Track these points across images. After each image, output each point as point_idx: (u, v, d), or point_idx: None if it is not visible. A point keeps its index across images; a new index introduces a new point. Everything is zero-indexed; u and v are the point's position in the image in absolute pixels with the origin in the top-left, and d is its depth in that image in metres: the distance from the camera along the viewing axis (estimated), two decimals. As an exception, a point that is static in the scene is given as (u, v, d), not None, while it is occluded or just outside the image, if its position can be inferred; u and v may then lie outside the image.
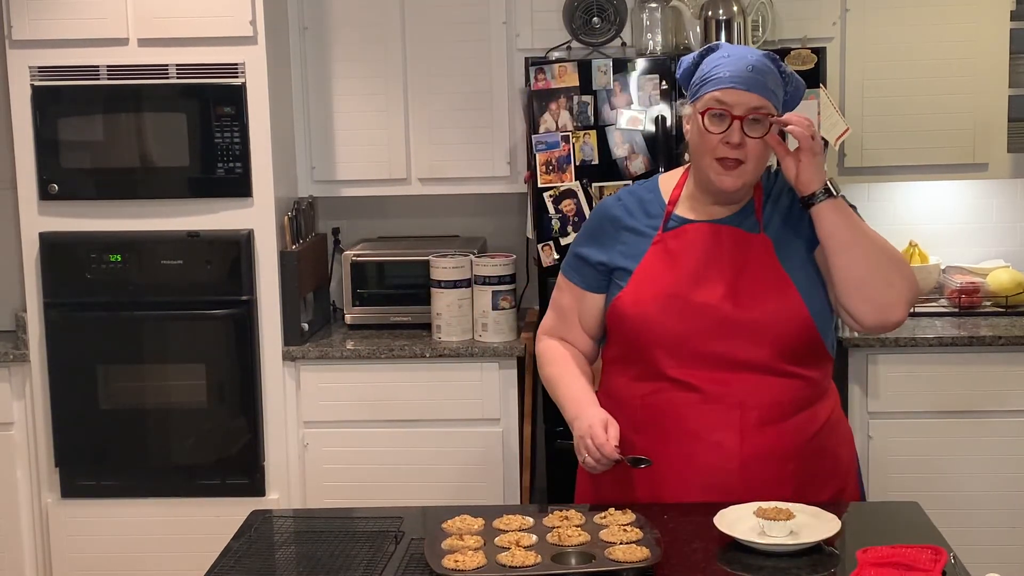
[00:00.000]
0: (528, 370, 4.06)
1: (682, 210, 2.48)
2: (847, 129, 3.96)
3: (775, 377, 2.39)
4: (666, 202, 2.49)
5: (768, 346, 2.38)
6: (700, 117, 2.36)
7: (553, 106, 3.86)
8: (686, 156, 3.76)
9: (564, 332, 2.61)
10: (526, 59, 3.98)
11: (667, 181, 2.54)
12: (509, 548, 2.11)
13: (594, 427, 2.37)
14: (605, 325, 2.55)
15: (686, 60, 2.45)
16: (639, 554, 2.05)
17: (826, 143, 3.91)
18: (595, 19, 4.08)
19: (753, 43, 4.01)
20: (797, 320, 2.38)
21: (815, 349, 2.43)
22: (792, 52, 3.82)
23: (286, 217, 4.04)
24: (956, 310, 4.13)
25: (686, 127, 2.45)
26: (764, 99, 2.33)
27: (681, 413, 2.40)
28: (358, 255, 4.24)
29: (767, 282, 2.39)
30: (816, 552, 2.13)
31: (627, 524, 2.19)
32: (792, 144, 2.38)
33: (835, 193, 2.37)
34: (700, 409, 2.38)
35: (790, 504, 2.22)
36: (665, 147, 3.82)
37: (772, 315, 2.37)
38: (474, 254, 4.11)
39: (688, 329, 2.39)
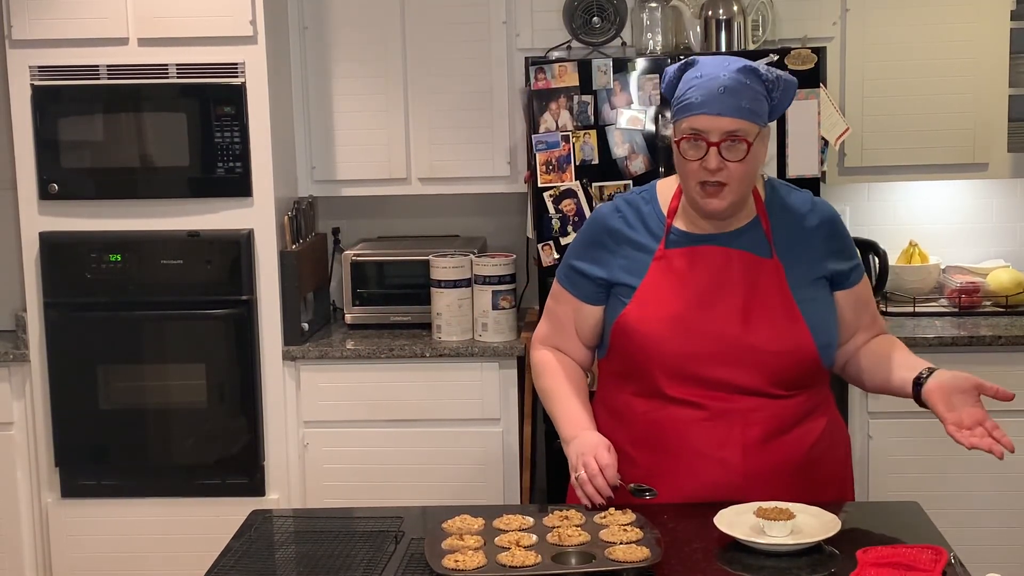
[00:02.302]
0: (528, 370, 4.06)
1: (681, 223, 2.43)
2: (847, 129, 3.96)
3: (775, 400, 2.39)
4: (664, 214, 2.44)
5: (770, 375, 2.37)
6: (677, 145, 2.34)
7: (553, 106, 3.86)
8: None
9: (559, 342, 2.57)
10: (526, 59, 3.98)
11: (664, 189, 2.49)
12: (509, 548, 2.11)
13: (599, 448, 2.34)
14: (601, 335, 2.52)
15: (668, 73, 2.39)
16: (639, 554, 2.05)
17: (826, 143, 3.91)
18: (595, 19, 4.08)
19: (753, 43, 4.01)
20: (802, 353, 2.37)
21: (816, 374, 2.44)
22: (792, 52, 3.82)
23: (286, 217, 4.04)
24: (956, 310, 4.13)
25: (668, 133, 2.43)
26: (739, 121, 2.27)
27: (683, 430, 2.38)
28: (358, 255, 4.24)
29: (776, 312, 2.36)
30: (816, 552, 2.13)
31: (627, 524, 2.19)
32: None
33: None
34: (703, 426, 2.35)
35: (790, 504, 2.22)
36: (665, 147, 3.82)
37: (778, 347, 2.35)
38: (474, 254, 4.11)
39: (693, 353, 2.36)
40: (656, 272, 2.41)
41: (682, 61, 2.39)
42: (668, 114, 2.46)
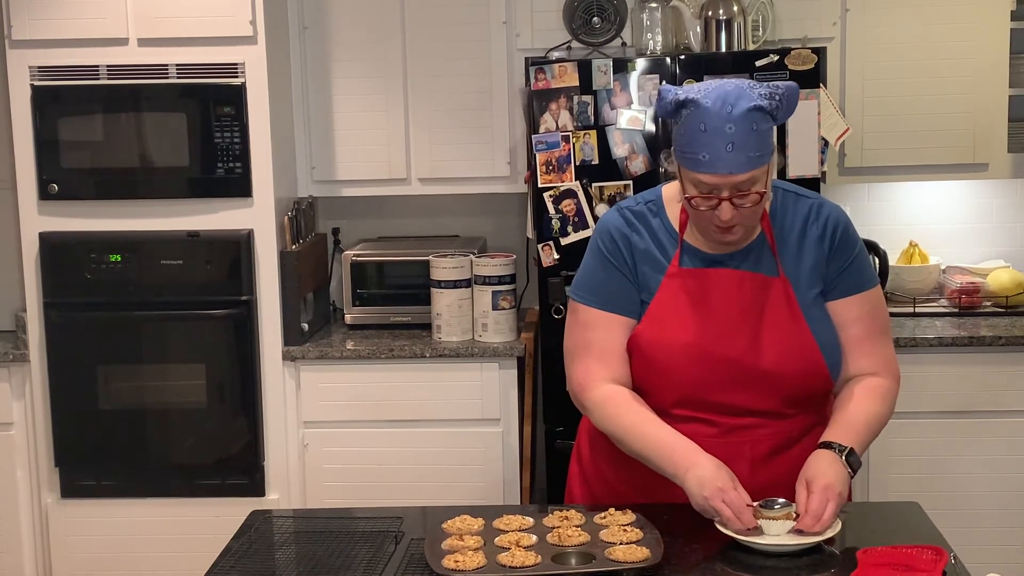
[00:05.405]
0: (528, 370, 4.06)
1: (692, 239, 2.38)
2: (847, 129, 3.96)
3: (784, 420, 2.39)
4: (675, 228, 2.39)
5: (782, 397, 2.36)
6: (683, 191, 2.28)
7: (553, 106, 3.85)
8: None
9: (611, 371, 2.40)
10: (526, 59, 3.98)
11: (671, 198, 2.42)
12: (509, 548, 2.11)
13: (720, 483, 2.19)
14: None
15: (665, 98, 2.28)
16: (639, 554, 2.06)
17: (826, 143, 3.91)
18: (595, 19, 4.08)
19: (753, 43, 4.01)
20: (814, 375, 2.36)
21: (826, 392, 2.42)
22: (792, 52, 3.82)
23: (286, 217, 4.04)
24: (956, 310, 4.13)
25: (672, 170, 2.33)
26: (750, 171, 2.21)
27: None
28: (358, 255, 4.24)
29: (788, 334, 2.33)
30: (816, 552, 2.14)
31: (627, 524, 2.19)
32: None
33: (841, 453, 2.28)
34: (710, 443, 2.31)
35: (787, 500, 2.23)
36: (665, 147, 3.82)
37: (792, 370, 2.33)
38: (474, 254, 4.11)
39: (706, 380, 2.34)
40: (668, 290, 2.37)
41: (679, 95, 2.26)
42: (670, 151, 2.36)
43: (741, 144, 2.20)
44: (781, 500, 2.22)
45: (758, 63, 3.81)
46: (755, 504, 2.20)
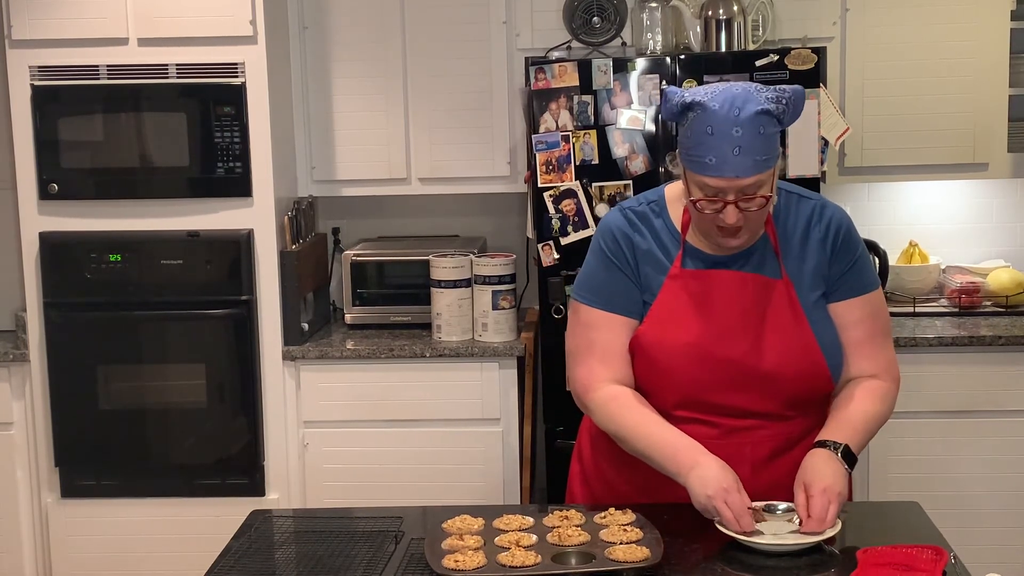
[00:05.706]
0: (528, 370, 4.06)
1: (694, 240, 2.37)
2: (847, 129, 3.96)
3: (785, 422, 2.39)
4: (678, 229, 2.39)
5: (784, 400, 2.36)
6: (688, 193, 2.28)
7: (553, 106, 3.85)
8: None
9: (615, 372, 2.39)
10: (526, 59, 3.98)
11: (674, 199, 2.42)
12: (509, 548, 2.11)
13: (724, 484, 2.18)
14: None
15: (671, 100, 2.28)
16: (639, 554, 2.06)
17: (826, 143, 3.91)
18: (595, 19, 4.08)
19: (753, 43, 4.01)
20: (816, 377, 2.36)
21: (827, 394, 2.42)
22: (792, 52, 3.82)
23: (286, 217, 4.04)
24: (956, 310, 4.13)
25: (677, 172, 2.34)
26: (756, 175, 2.21)
27: None
28: (358, 255, 4.24)
29: (790, 337, 2.33)
30: (816, 552, 2.14)
31: (627, 524, 2.19)
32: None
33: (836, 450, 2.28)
34: (712, 444, 2.30)
35: (790, 504, 2.23)
36: (665, 147, 3.82)
37: (793, 373, 2.33)
38: (474, 254, 4.11)
39: (706, 381, 2.34)
40: (670, 291, 2.37)
41: (685, 98, 2.26)
42: (675, 153, 2.36)
43: (748, 148, 2.20)
44: (783, 505, 2.22)
45: (758, 63, 3.81)
46: (756, 505, 2.20)
